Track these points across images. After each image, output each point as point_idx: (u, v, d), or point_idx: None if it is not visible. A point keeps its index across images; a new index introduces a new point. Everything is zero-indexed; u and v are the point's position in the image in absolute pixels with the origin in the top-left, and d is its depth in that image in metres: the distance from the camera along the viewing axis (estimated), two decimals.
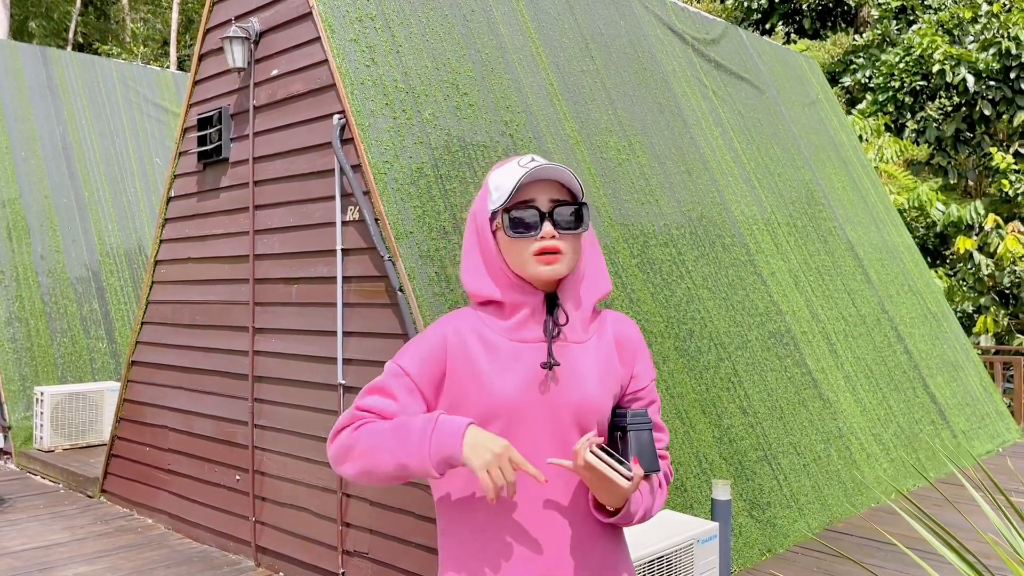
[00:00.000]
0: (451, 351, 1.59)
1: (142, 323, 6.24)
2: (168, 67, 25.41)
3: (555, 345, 1.59)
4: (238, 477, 5.24)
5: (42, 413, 7.73)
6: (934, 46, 14.73)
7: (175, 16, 24.95)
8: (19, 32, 24.37)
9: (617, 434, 1.60)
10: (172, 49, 24.85)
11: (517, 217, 1.56)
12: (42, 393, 7.75)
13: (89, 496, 6.67)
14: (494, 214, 1.62)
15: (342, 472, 1.56)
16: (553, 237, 1.56)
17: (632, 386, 1.67)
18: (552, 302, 1.61)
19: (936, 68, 14.57)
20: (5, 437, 8.01)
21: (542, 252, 1.55)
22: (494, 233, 1.62)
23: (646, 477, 1.59)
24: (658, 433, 1.70)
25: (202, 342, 5.62)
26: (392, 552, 4.28)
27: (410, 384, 1.57)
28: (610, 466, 1.43)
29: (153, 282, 6.15)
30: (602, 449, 1.48)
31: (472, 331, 1.61)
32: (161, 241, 6.09)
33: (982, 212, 13.21)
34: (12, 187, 8.89)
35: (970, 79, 14.35)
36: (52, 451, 7.74)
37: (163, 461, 5.93)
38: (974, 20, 15.22)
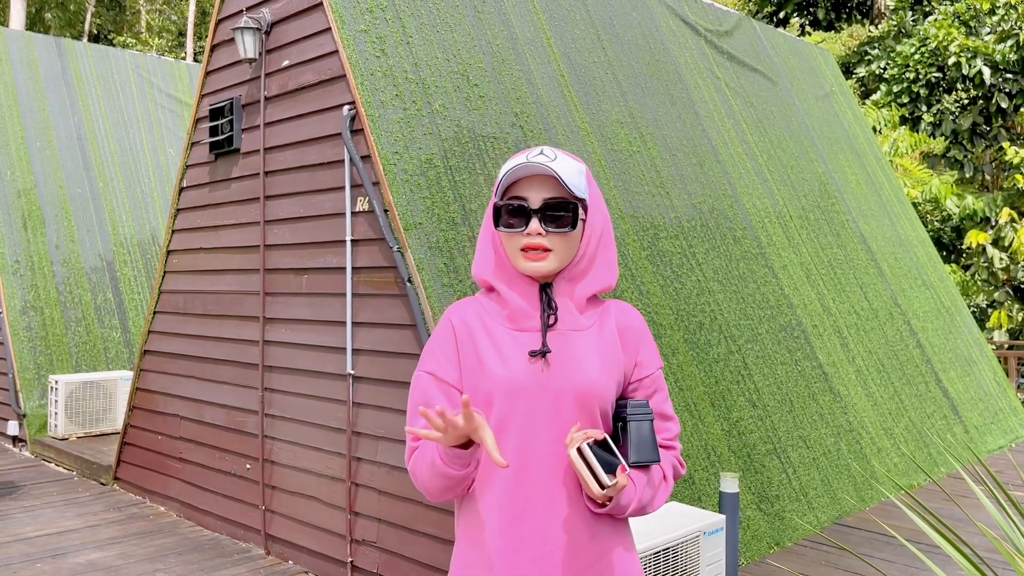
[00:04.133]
0: (459, 336, 1.65)
1: (154, 312, 6.28)
2: (184, 58, 25.50)
3: (552, 333, 1.61)
4: (248, 466, 5.28)
5: (56, 401, 7.81)
6: (950, 38, 14.59)
7: (191, 7, 25.02)
8: (34, 23, 24.51)
9: (619, 425, 1.61)
10: (188, 41, 24.94)
11: (505, 213, 1.60)
12: (57, 381, 7.82)
13: (102, 484, 6.74)
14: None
15: (433, 498, 1.64)
16: (539, 235, 1.58)
17: (636, 374, 1.67)
18: (546, 292, 1.64)
19: (952, 60, 14.43)
20: (20, 425, 8.09)
21: (527, 248, 1.58)
22: None
23: (646, 467, 1.60)
24: (666, 423, 1.70)
25: (213, 331, 5.65)
26: (400, 541, 4.30)
27: (440, 384, 1.64)
28: (591, 469, 1.44)
29: (165, 272, 6.19)
30: (601, 445, 1.49)
31: (476, 318, 1.66)
32: (173, 231, 6.12)
33: (1000, 205, 13.09)
34: (27, 177, 8.96)
35: (986, 71, 14.20)
36: (66, 439, 7.81)
37: (175, 449, 5.98)
38: (991, 12, 15.05)
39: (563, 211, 1.58)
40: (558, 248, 1.59)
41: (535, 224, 1.57)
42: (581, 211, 1.62)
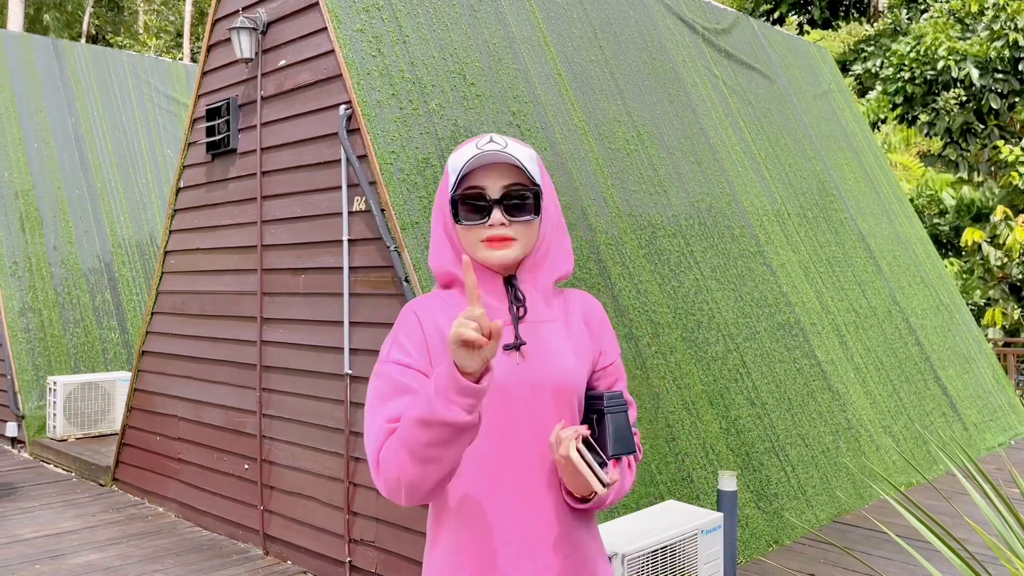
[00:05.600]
0: (426, 328, 1.56)
1: (152, 313, 6.28)
2: (181, 59, 25.49)
3: (522, 325, 1.57)
4: (246, 466, 5.27)
5: (55, 402, 7.80)
6: (938, 42, 14.58)
7: (188, 8, 25.01)
8: (33, 24, 24.50)
9: (593, 417, 1.59)
10: (185, 41, 24.93)
11: (465, 206, 1.54)
12: (55, 383, 7.81)
13: (101, 485, 6.73)
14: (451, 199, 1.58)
15: (402, 502, 1.44)
16: (503, 225, 1.52)
17: (601, 362, 1.67)
18: (512, 284, 1.59)
19: (940, 64, 14.43)
20: (19, 426, 8.09)
21: (490, 239, 1.53)
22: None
23: (619, 459, 1.59)
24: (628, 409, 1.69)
25: (211, 332, 5.65)
26: (398, 540, 4.30)
27: (415, 373, 1.51)
28: (591, 469, 1.43)
29: (163, 272, 6.18)
30: (586, 444, 1.48)
31: (442, 314, 1.58)
32: (171, 231, 6.12)
33: (996, 193, 13.08)
34: (25, 178, 8.95)
35: (975, 73, 14.20)
36: (65, 440, 7.81)
37: (173, 450, 5.97)
38: (981, 12, 15.06)
39: (525, 198, 1.53)
40: (521, 236, 1.54)
41: (497, 215, 1.52)
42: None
